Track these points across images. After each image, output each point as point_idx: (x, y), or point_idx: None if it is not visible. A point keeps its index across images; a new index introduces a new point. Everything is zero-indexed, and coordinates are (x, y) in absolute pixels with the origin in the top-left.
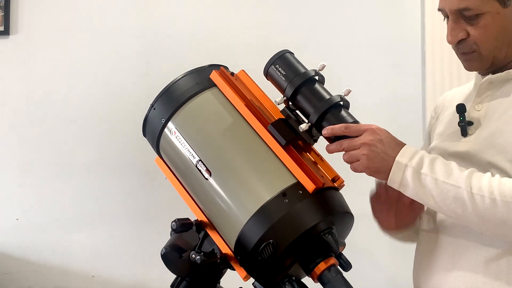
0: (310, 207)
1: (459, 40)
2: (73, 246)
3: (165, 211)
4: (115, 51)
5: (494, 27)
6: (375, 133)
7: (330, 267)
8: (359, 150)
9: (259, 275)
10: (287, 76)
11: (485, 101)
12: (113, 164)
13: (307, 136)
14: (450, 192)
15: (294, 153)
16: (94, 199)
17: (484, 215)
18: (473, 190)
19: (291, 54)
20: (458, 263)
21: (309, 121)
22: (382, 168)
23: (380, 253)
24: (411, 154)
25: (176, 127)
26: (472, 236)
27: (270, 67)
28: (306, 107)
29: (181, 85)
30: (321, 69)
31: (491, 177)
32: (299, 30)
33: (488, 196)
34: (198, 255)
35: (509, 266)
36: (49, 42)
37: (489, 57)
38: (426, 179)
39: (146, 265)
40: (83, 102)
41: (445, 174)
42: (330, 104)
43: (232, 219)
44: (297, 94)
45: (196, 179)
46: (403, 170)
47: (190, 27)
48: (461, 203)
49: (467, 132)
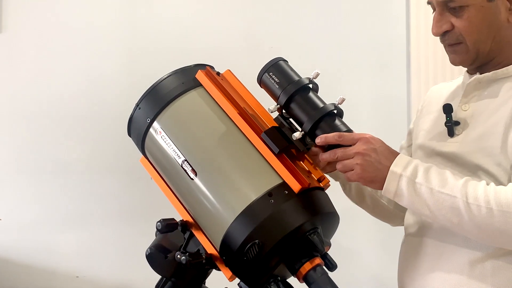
0: (295, 207)
1: (443, 32)
2: (57, 246)
3: (150, 211)
4: (101, 50)
5: (478, 20)
6: (368, 142)
7: (315, 267)
8: (352, 160)
9: (244, 275)
10: (281, 84)
11: (472, 101)
12: (98, 164)
13: (300, 144)
14: (446, 201)
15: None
16: (78, 199)
17: (481, 225)
18: (469, 200)
19: (285, 61)
20: (443, 265)
21: (303, 129)
22: (377, 178)
23: (365, 253)
24: (405, 164)
25: (161, 126)
26: (457, 239)
27: (264, 75)
28: (300, 115)
29: (167, 85)
30: (315, 77)
31: (486, 186)
32: (285, 31)
33: (484, 205)
34: (183, 255)
35: (494, 269)
36: (35, 42)
37: (474, 50)
38: (421, 189)
39: (131, 265)
40: (67, 102)
41: (440, 183)
42: (324, 113)
43: (218, 219)
44: (290, 102)
45: (182, 179)
46: (398, 180)
47: (176, 27)
48: (457, 212)
49: (454, 132)
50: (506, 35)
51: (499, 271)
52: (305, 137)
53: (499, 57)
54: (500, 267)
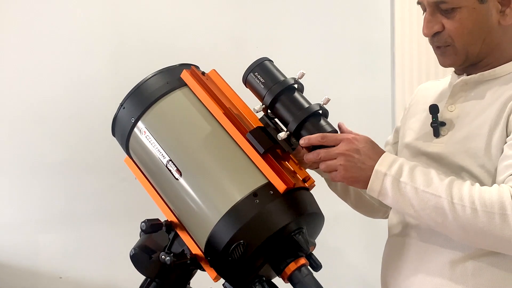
0: (281, 208)
1: (434, 32)
2: (40, 247)
3: (134, 212)
4: (84, 49)
5: (469, 21)
6: (351, 143)
7: (300, 267)
8: (336, 161)
9: (229, 275)
10: (266, 84)
11: (458, 102)
12: (82, 164)
13: (285, 144)
14: (430, 201)
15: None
16: (62, 199)
17: (465, 225)
18: (454, 200)
19: (270, 61)
20: (424, 265)
21: (288, 129)
22: (360, 177)
23: (350, 253)
24: (390, 162)
25: (146, 126)
26: (439, 239)
27: (249, 75)
28: (285, 115)
29: (151, 84)
30: (300, 77)
31: (471, 186)
32: (271, 31)
33: (469, 206)
34: (167, 256)
35: (474, 269)
36: (19, 41)
37: (463, 52)
38: (406, 188)
39: (115, 266)
40: (51, 101)
41: (425, 182)
42: (309, 113)
43: (203, 219)
44: (276, 102)
45: (166, 179)
46: (382, 178)
47: (161, 26)
48: (442, 212)
49: (440, 133)
50: (496, 37)
51: (480, 272)
52: (290, 137)
53: (488, 58)
54: (480, 268)
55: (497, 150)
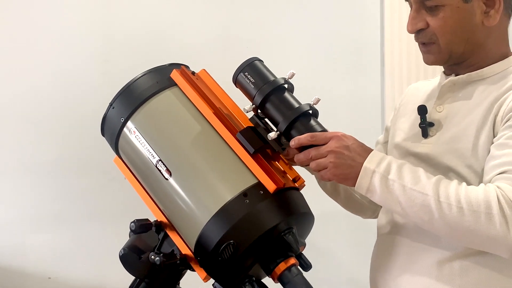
0: (271, 208)
1: (418, 29)
2: (29, 247)
3: (124, 212)
4: (73, 49)
5: (453, 20)
6: (341, 140)
7: (290, 267)
8: (326, 158)
9: (219, 275)
10: (256, 84)
11: (447, 103)
12: (71, 164)
13: (275, 144)
14: (417, 199)
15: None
16: (51, 199)
17: (451, 223)
18: (440, 198)
19: (260, 61)
20: (412, 265)
21: (278, 129)
22: (350, 175)
23: (340, 253)
24: (378, 160)
25: (135, 126)
26: (427, 239)
27: (239, 75)
28: (275, 115)
29: (141, 84)
30: (290, 77)
31: (458, 185)
32: (261, 31)
33: (455, 204)
34: (157, 256)
35: (461, 268)
36: (4, 39)
37: (446, 50)
38: (394, 186)
39: (104, 266)
40: (40, 101)
41: (412, 180)
42: (299, 113)
43: (193, 219)
44: (266, 102)
45: (156, 179)
46: (371, 176)
47: (151, 26)
48: (428, 210)
49: (428, 133)
50: (480, 38)
51: (466, 272)
52: (281, 137)
53: (472, 58)
54: (467, 268)
55: (484, 150)
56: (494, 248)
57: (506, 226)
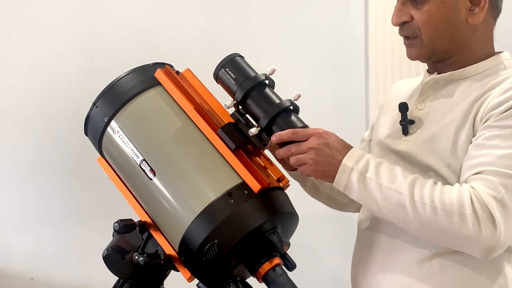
0: (255, 207)
1: (402, 22)
2: (11, 248)
3: (107, 212)
4: (56, 48)
5: (437, 14)
6: (321, 137)
7: (274, 267)
8: (306, 155)
9: (203, 276)
10: (237, 80)
11: (428, 101)
12: (54, 164)
13: (257, 140)
14: (393, 198)
15: (244, 157)
16: (34, 199)
17: (425, 223)
18: (415, 198)
19: (241, 57)
20: (392, 263)
21: (259, 125)
22: (330, 172)
23: (324, 252)
24: (357, 158)
25: (119, 126)
26: (406, 237)
27: (220, 71)
28: (256, 111)
29: (125, 83)
30: (271, 73)
31: (433, 185)
32: (245, 30)
33: (429, 204)
34: (141, 256)
35: (441, 267)
36: None
37: (429, 45)
38: (371, 184)
39: (88, 267)
40: (22, 100)
41: (389, 179)
42: (280, 109)
43: (177, 219)
44: (247, 98)
45: (140, 179)
46: (349, 173)
47: (135, 25)
48: (403, 209)
49: (408, 131)
50: (464, 35)
51: (446, 271)
52: (262, 133)
53: (456, 56)
54: (448, 266)
55: (463, 150)
56: (467, 248)
57: (479, 226)
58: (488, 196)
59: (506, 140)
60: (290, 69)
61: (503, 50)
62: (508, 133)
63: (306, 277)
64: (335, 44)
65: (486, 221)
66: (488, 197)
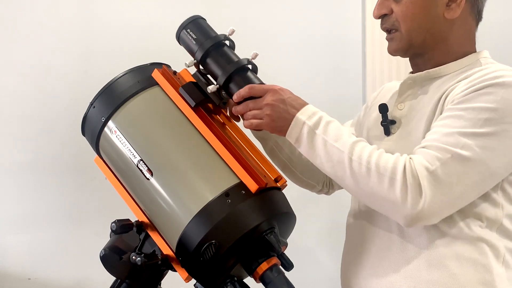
0: (252, 207)
1: (382, 15)
2: (8, 248)
3: (105, 212)
4: (54, 48)
5: (415, 7)
6: (277, 93)
7: (272, 267)
8: (262, 111)
9: (201, 276)
10: (198, 40)
11: (407, 100)
12: (51, 164)
13: (216, 98)
14: (334, 155)
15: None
16: (31, 199)
17: (359, 182)
18: (353, 157)
19: (203, 20)
20: (381, 263)
21: (218, 83)
22: (284, 127)
23: (322, 253)
24: (311, 113)
25: (116, 126)
26: (394, 235)
27: (181, 32)
28: (215, 69)
29: (122, 83)
30: (231, 34)
31: (374, 150)
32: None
33: (365, 165)
34: (138, 256)
35: (429, 265)
36: None
37: (407, 37)
38: (318, 139)
39: (85, 267)
40: (19, 100)
41: (335, 137)
42: (237, 66)
43: (174, 219)
44: (207, 57)
45: (137, 179)
46: (301, 127)
47: (131, 25)
48: (342, 167)
49: (390, 131)
50: (441, 31)
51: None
52: (220, 90)
53: (433, 52)
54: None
55: None
56: (392, 213)
57: (406, 193)
58: (421, 166)
59: (456, 120)
60: (287, 69)
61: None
62: (461, 114)
63: (304, 277)
64: (332, 44)
65: (413, 189)
66: (421, 168)
